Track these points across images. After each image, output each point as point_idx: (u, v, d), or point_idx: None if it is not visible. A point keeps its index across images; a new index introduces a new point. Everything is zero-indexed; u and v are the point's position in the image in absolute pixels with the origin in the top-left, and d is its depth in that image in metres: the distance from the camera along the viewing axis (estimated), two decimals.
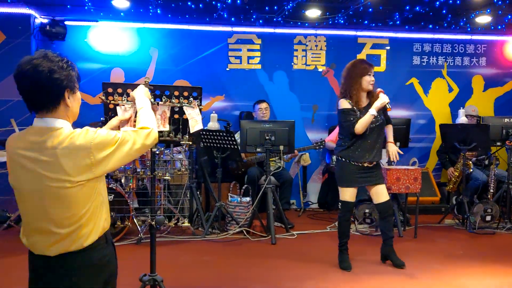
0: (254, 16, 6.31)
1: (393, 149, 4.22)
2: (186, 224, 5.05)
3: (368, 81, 4.01)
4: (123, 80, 6.66)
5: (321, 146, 6.03)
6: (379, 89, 4.09)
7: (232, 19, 6.44)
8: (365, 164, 4.05)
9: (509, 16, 6.31)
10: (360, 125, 3.94)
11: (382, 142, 4.16)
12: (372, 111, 3.93)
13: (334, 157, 6.32)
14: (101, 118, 4.93)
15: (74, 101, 1.91)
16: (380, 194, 4.11)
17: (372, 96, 4.07)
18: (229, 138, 5.13)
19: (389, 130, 4.29)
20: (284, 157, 6.02)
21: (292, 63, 7.08)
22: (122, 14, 6.18)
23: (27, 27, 6.13)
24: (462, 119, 6.10)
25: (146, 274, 3.07)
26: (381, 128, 4.10)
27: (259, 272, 4.04)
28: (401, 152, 4.30)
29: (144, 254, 3.27)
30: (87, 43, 6.60)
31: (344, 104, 4.03)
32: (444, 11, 6.04)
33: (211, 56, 6.88)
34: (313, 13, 6.15)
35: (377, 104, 3.95)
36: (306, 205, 6.95)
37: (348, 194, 4.09)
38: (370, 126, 3.99)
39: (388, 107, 4.01)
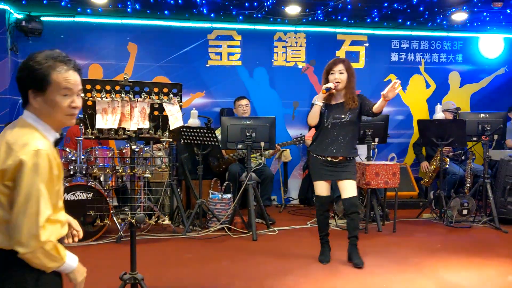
0: (234, 13, 6.27)
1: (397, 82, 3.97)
2: (167, 222, 5.01)
3: (331, 79, 4.03)
4: (102, 77, 6.55)
5: (301, 142, 6.05)
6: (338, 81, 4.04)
7: (212, 15, 6.40)
8: (329, 158, 4.05)
9: (485, 13, 6.40)
10: (309, 116, 4.06)
11: (352, 140, 4.11)
12: (316, 101, 4.03)
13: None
14: (79, 115, 4.86)
15: (45, 102, 1.77)
16: (345, 189, 4.05)
17: (346, 93, 4.07)
18: (210, 135, 5.10)
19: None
20: (266, 153, 6.01)
21: (272, 60, 7.08)
22: (99, 9, 6.07)
23: (2, 23, 5.99)
24: (439, 114, 6.17)
25: (127, 273, 3.02)
26: (347, 125, 4.04)
27: (241, 268, 4.03)
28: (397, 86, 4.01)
29: (124, 253, 3.23)
30: (64, 39, 6.47)
31: (315, 98, 4.14)
32: (421, 8, 6.11)
33: (191, 52, 6.82)
34: (292, 9, 6.14)
35: (319, 95, 4.04)
36: (287, 201, 6.96)
37: (319, 187, 4.13)
38: (332, 121, 4.03)
39: (331, 89, 3.98)
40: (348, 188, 4.04)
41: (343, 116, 4.02)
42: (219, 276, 3.85)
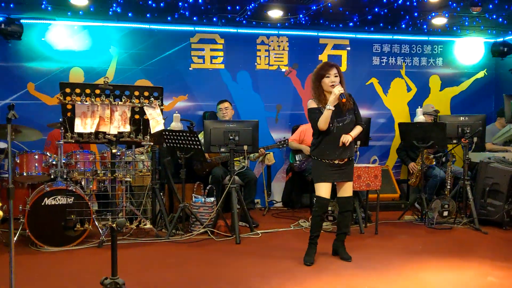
0: (216, 16, 6.27)
1: (346, 137, 4.09)
2: (148, 226, 4.97)
3: (327, 83, 4.09)
4: (83, 80, 6.49)
5: (284, 145, 6.07)
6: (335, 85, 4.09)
7: (194, 18, 6.39)
8: (336, 161, 4.15)
9: (464, 18, 6.51)
10: (321, 121, 4.05)
11: (352, 140, 4.21)
12: (328, 106, 4.03)
13: (297, 156, 6.38)
14: (60, 119, 4.80)
15: None
16: (345, 189, 4.26)
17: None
18: (193, 138, 5.08)
19: (355, 128, 4.25)
20: (251, 156, 6.02)
21: (255, 63, 7.09)
22: (80, 12, 6.01)
23: None
24: (420, 117, 6.24)
25: (107, 278, 2.99)
26: (349, 126, 4.18)
27: (224, 272, 4.01)
28: (350, 139, 4.14)
29: (106, 258, 3.19)
30: (45, 42, 6.40)
31: (311, 104, 4.19)
32: (402, 13, 6.18)
33: (173, 55, 6.80)
34: (275, 13, 6.17)
35: (331, 99, 4.04)
36: (271, 204, 6.97)
37: (322, 189, 4.15)
38: (337, 124, 4.10)
39: (342, 98, 4.00)
40: (347, 188, 4.26)
41: (345, 118, 4.14)
42: (203, 280, 3.83)
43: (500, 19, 6.46)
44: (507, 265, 4.15)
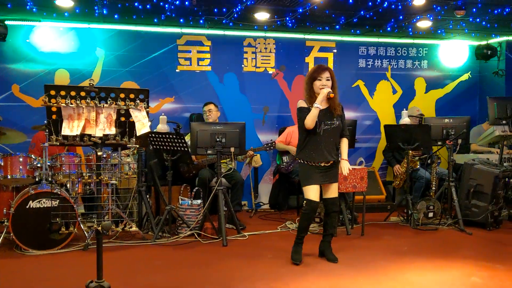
0: (203, 18, 6.27)
1: (344, 165, 4.28)
2: (135, 228, 4.95)
3: (318, 85, 4.15)
4: (68, 82, 6.45)
5: (272, 147, 6.08)
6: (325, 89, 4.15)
7: (181, 20, 6.38)
8: (322, 164, 4.18)
9: (448, 21, 6.60)
10: (308, 119, 4.08)
11: (337, 144, 4.27)
12: (316, 104, 4.07)
13: (284, 158, 6.41)
14: (44, 122, 4.76)
15: None
16: (330, 191, 4.30)
17: (332, 99, 4.16)
18: (179, 141, 5.07)
19: (344, 145, 4.34)
20: (240, 157, 6.02)
21: (242, 65, 7.10)
22: (66, 14, 5.97)
23: None
24: (405, 120, 6.31)
25: (93, 281, 2.98)
26: (336, 130, 4.22)
27: (211, 274, 4.01)
28: (351, 169, 4.35)
29: (92, 261, 3.17)
30: (29, 43, 6.35)
31: (301, 103, 4.23)
32: (387, 16, 6.24)
33: (160, 57, 6.78)
34: (261, 16, 6.18)
35: (319, 98, 4.09)
36: (258, 206, 6.98)
37: (312, 192, 4.18)
38: (324, 127, 4.14)
39: (330, 93, 4.06)
40: (333, 190, 4.30)
41: (333, 122, 4.18)
42: (189, 283, 3.82)
43: (484, 23, 6.56)
44: (491, 265, 4.21)
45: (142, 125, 4.14)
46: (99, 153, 4.12)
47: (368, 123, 7.59)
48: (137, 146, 4.90)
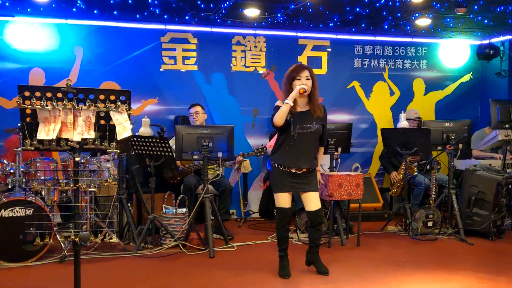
0: (188, 14, 6.27)
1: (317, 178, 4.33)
2: (115, 239, 4.92)
3: (297, 85, 4.11)
4: (44, 82, 6.41)
5: (262, 153, 6.08)
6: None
7: (165, 16, 6.38)
8: (293, 170, 4.15)
9: (448, 19, 6.66)
10: (277, 115, 4.06)
11: (314, 150, 4.24)
12: (287, 100, 4.06)
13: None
14: (18, 124, 4.73)
15: None
16: (310, 202, 4.21)
17: (312, 101, 4.17)
18: (163, 145, 5.07)
19: (319, 155, 4.35)
20: (227, 163, 6.02)
21: (231, 65, 7.11)
22: (41, 9, 5.94)
23: None
24: (403, 123, 6.34)
25: None
26: (313, 135, 4.17)
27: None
28: (322, 182, 4.37)
29: (69, 274, 3.15)
30: (2, 40, 6.31)
31: (277, 103, 4.21)
32: (384, 13, 6.29)
33: (142, 55, 6.77)
34: (251, 12, 6.20)
35: (292, 95, 4.07)
36: (247, 214, 6.98)
37: (281, 199, 4.20)
38: (299, 131, 4.11)
39: (301, 89, 4.05)
40: (313, 200, 4.20)
41: (310, 126, 4.14)
42: None
43: (486, 21, 6.63)
44: (493, 277, 4.25)
45: (123, 128, 4.13)
46: (77, 159, 4.10)
47: (364, 126, 7.63)
48: (118, 151, 4.88)
